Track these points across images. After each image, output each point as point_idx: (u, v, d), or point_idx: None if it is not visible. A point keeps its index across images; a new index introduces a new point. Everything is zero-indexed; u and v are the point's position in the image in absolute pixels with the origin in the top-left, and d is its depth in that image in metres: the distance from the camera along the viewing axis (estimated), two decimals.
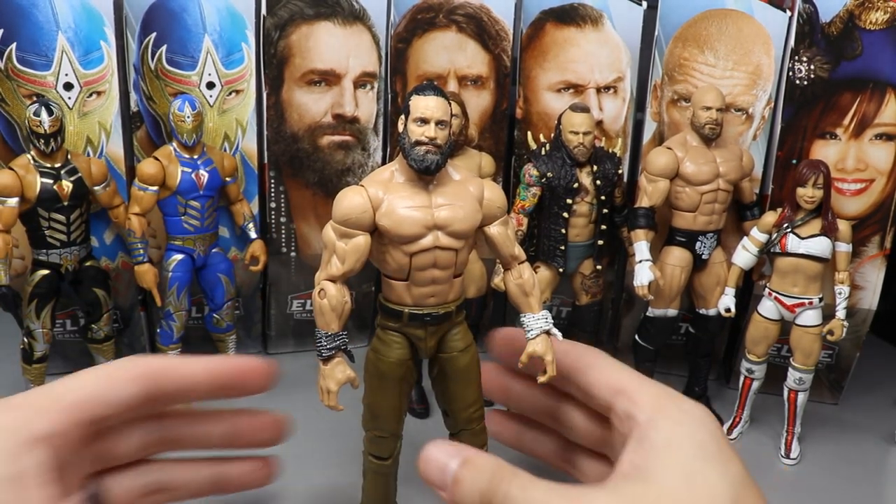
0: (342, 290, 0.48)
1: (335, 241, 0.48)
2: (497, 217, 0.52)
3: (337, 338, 0.48)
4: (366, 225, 0.48)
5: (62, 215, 1.11)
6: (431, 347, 0.52)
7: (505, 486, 0.40)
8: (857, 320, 1.24)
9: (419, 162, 0.49)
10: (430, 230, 0.49)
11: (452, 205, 0.49)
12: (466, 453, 0.43)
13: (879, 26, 1.11)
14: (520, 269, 0.54)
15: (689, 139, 1.15)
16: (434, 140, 0.49)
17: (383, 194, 0.48)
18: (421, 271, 0.49)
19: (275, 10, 1.21)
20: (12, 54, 1.14)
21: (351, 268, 0.48)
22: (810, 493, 1.06)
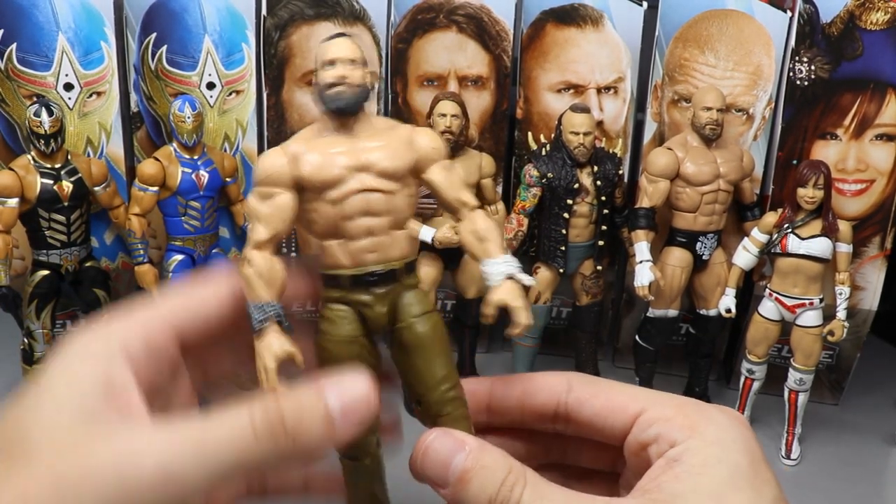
0: (270, 257, 0.43)
1: (257, 206, 0.44)
2: (434, 159, 0.46)
3: (268, 308, 0.42)
4: (287, 181, 0.43)
5: (62, 216, 1.11)
6: (382, 317, 0.45)
7: (518, 493, 0.37)
8: (858, 321, 1.24)
9: (333, 101, 0.44)
10: (355, 172, 0.43)
11: (378, 145, 0.44)
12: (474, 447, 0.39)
13: (880, 27, 1.11)
14: (472, 217, 0.46)
15: (690, 140, 1.15)
16: (345, 78, 0.44)
17: (304, 148, 0.44)
18: (352, 222, 0.43)
19: (275, 11, 1.21)
20: (12, 55, 1.14)
21: (276, 230, 0.43)
22: (811, 494, 1.06)
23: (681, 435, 0.38)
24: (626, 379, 1.28)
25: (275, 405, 0.36)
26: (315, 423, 0.37)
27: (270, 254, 0.44)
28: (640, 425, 0.41)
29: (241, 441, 0.35)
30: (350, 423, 0.37)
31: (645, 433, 0.40)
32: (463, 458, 0.39)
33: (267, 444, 0.36)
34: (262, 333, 0.42)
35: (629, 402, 0.42)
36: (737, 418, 0.40)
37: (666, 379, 1.32)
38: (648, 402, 0.41)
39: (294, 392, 0.38)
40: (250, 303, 0.43)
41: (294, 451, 0.36)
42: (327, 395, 0.37)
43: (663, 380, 1.31)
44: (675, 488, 0.36)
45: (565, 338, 1.34)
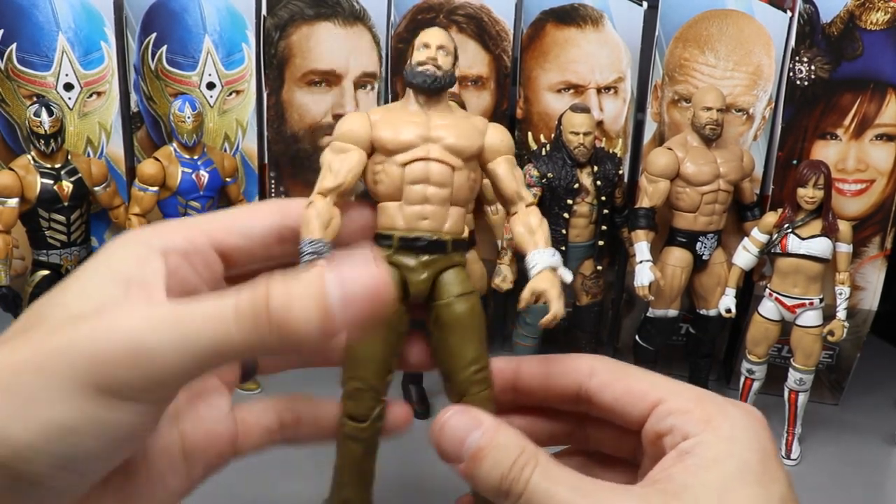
0: (331, 205, 0.46)
1: (330, 158, 0.47)
2: (501, 152, 0.49)
3: (320, 245, 0.44)
4: (362, 139, 0.47)
5: (62, 216, 1.11)
6: (424, 286, 0.46)
7: (528, 472, 0.37)
8: (858, 321, 1.23)
9: (419, 76, 0.48)
10: (425, 141, 0.47)
11: (450, 125, 0.48)
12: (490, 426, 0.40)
13: (880, 27, 1.11)
14: (527, 211, 0.49)
15: (690, 140, 1.15)
16: (435, 60, 0.49)
17: (384, 115, 0.48)
18: (412, 186, 0.46)
19: (275, 11, 1.21)
20: (12, 55, 1.14)
21: (343, 180, 0.46)
22: (811, 494, 1.06)
23: (695, 428, 0.38)
24: None
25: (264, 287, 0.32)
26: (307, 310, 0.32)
27: (332, 203, 0.46)
28: (657, 415, 0.41)
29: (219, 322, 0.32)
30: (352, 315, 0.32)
31: (661, 423, 0.40)
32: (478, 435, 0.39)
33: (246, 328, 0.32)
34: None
35: (649, 390, 0.42)
36: (753, 415, 0.40)
37: None
38: (667, 393, 0.41)
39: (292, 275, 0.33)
40: (304, 238, 0.45)
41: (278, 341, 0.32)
42: (328, 280, 0.32)
43: None
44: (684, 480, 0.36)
45: (565, 338, 1.33)
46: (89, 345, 0.32)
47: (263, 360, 0.48)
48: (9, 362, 0.33)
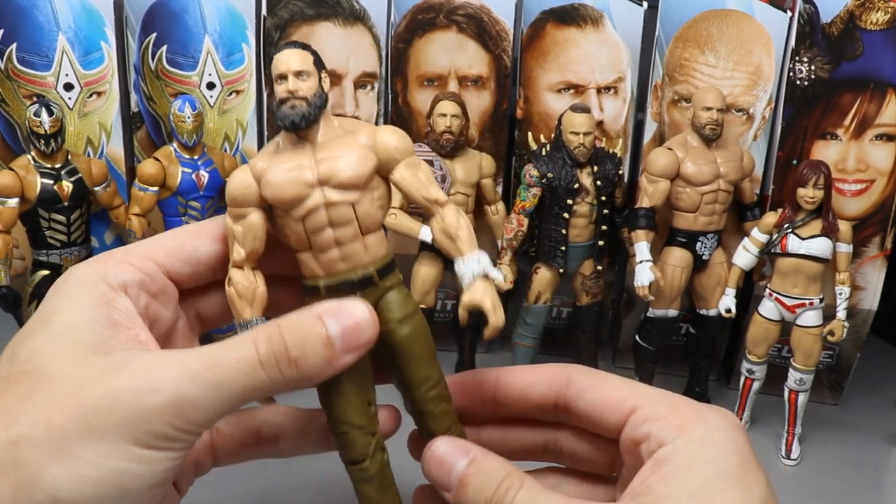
0: (249, 275, 0.44)
1: (232, 226, 0.45)
2: (397, 160, 0.45)
3: (250, 324, 0.44)
4: (254, 200, 0.44)
5: (62, 216, 1.11)
6: None
7: (512, 495, 0.39)
8: (858, 321, 1.24)
9: (284, 119, 0.44)
10: (314, 187, 0.43)
11: (335, 156, 0.44)
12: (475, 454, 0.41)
13: (880, 27, 1.11)
14: (442, 213, 0.46)
15: (690, 140, 1.15)
16: (295, 93, 0.43)
17: (266, 164, 0.44)
18: (319, 235, 0.44)
19: (275, 11, 1.21)
20: (12, 55, 1.14)
21: (252, 248, 0.44)
22: (811, 494, 1.06)
23: (670, 434, 0.38)
24: None
25: (277, 333, 0.38)
26: (316, 347, 0.39)
27: (250, 270, 0.45)
28: (632, 422, 0.41)
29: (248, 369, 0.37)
30: (350, 346, 0.40)
31: (637, 430, 0.40)
32: (465, 462, 0.41)
33: (272, 370, 0.38)
34: None
35: (626, 397, 0.42)
36: (729, 419, 0.40)
37: (666, 379, 1.32)
38: (643, 399, 0.41)
39: (294, 318, 0.40)
40: (236, 321, 0.45)
41: (297, 376, 0.39)
42: (326, 320, 0.39)
43: (663, 380, 1.31)
44: (661, 490, 0.36)
45: (565, 338, 1.33)
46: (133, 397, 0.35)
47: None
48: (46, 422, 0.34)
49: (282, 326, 0.39)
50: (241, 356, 0.37)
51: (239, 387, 0.37)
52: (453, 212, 0.46)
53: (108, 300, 0.39)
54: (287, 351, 0.38)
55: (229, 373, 0.37)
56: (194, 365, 0.37)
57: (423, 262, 1.18)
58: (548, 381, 0.46)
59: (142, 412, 0.35)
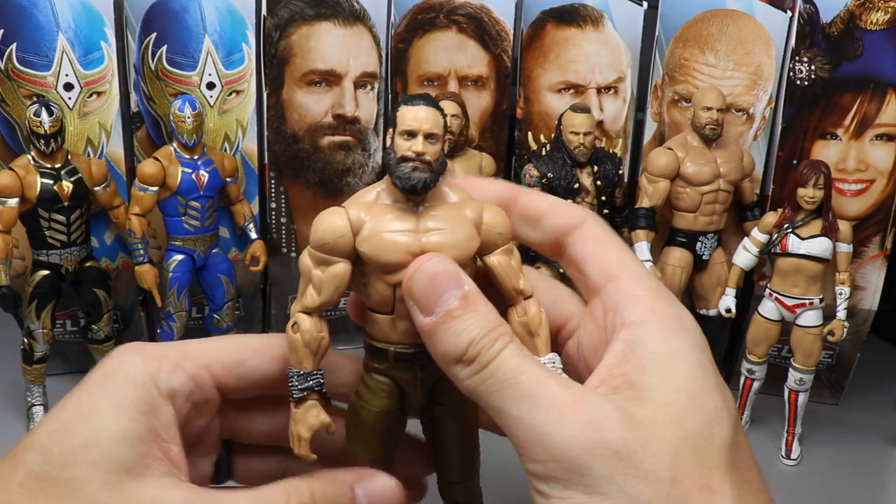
0: (318, 323, 0.42)
1: (311, 269, 0.42)
2: (498, 245, 0.44)
3: (310, 377, 0.42)
4: (345, 251, 0.41)
5: (62, 216, 1.11)
6: (421, 395, 0.45)
7: (501, 344, 0.36)
8: (858, 321, 1.23)
9: (404, 181, 0.41)
10: (417, 256, 0.41)
11: (443, 230, 0.42)
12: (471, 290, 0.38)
13: (880, 27, 1.11)
14: (525, 306, 0.44)
15: (690, 139, 1.15)
16: (422, 156, 0.41)
17: (366, 216, 0.42)
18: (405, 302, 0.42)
19: (275, 11, 1.21)
20: (12, 54, 1.14)
21: (328, 299, 0.42)
22: (811, 494, 1.06)
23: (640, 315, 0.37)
24: None
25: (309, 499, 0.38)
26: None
27: (319, 319, 0.43)
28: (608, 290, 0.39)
29: None
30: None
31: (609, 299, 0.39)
32: (458, 294, 0.37)
33: None
34: (301, 402, 0.42)
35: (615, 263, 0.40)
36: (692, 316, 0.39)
37: None
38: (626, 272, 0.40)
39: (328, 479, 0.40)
40: (293, 368, 0.42)
41: None
42: (357, 490, 0.40)
43: None
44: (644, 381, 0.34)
45: None
46: None
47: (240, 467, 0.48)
48: None
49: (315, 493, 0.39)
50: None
51: None
52: (537, 307, 0.45)
53: (153, 408, 0.38)
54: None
55: None
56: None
57: None
58: (564, 216, 0.43)
59: None
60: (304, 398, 0.42)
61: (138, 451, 0.36)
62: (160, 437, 0.38)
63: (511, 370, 0.35)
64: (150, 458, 0.37)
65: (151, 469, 0.36)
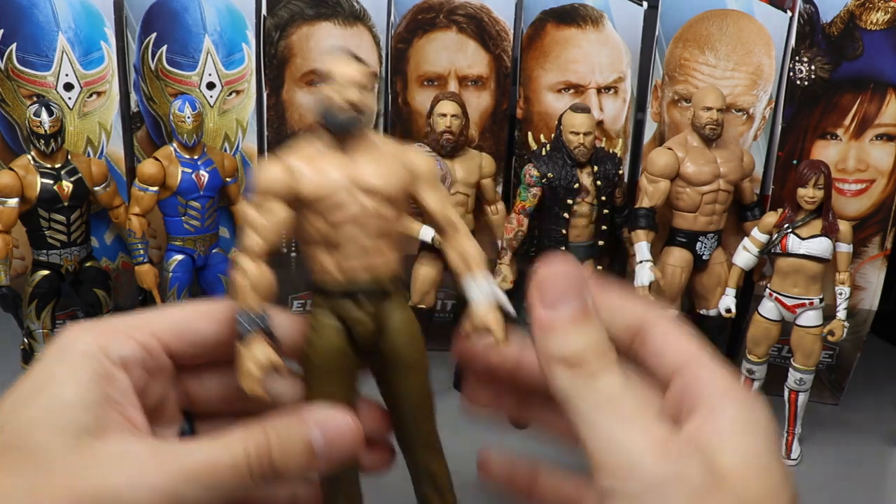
0: (262, 267, 0.45)
1: (253, 216, 0.45)
2: (425, 179, 0.48)
3: (256, 315, 0.44)
4: (284, 193, 0.45)
5: (62, 216, 1.11)
6: (370, 332, 0.47)
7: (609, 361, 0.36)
8: (858, 321, 1.23)
9: (338, 124, 0.45)
10: (348, 189, 0.45)
11: (373, 164, 0.46)
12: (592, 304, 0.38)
13: (880, 27, 1.11)
14: (458, 238, 0.48)
15: (690, 139, 1.15)
16: (353, 103, 0.45)
17: (301, 162, 0.45)
18: (346, 238, 0.45)
19: (275, 11, 1.21)
20: (13, 54, 1.14)
21: (269, 240, 0.45)
22: (811, 494, 1.06)
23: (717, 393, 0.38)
24: None
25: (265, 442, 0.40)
26: (298, 456, 0.40)
27: (262, 263, 0.46)
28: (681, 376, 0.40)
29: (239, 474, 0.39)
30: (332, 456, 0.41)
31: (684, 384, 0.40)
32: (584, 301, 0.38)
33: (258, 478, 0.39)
34: (247, 341, 0.44)
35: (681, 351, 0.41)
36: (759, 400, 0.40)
37: None
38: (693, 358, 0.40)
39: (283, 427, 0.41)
40: (238, 310, 0.44)
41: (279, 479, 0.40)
42: (311, 429, 0.41)
43: None
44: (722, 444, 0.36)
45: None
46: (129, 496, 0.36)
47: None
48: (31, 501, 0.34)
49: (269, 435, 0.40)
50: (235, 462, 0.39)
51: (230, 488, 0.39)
52: (468, 236, 0.49)
53: (107, 376, 0.39)
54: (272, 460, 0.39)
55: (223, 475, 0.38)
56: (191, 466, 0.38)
57: (423, 263, 1.18)
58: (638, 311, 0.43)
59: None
60: (251, 337, 0.44)
61: (97, 416, 0.38)
62: (118, 403, 0.39)
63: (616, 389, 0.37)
64: (110, 421, 0.38)
65: (112, 430, 0.38)
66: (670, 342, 0.42)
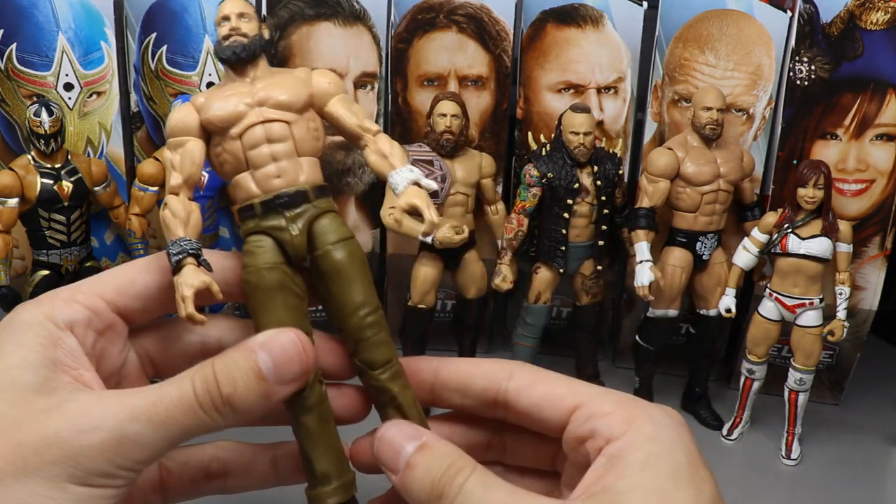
0: (185, 200, 0.47)
1: (170, 156, 0.47)
2: (332, 94, 0.49)
3: (183, 241, 0.45)
4: (194, 128, 0.47)
5: (62, 216, 1.11)
6: (300, 242, 0.47)
7: (461, 479, 0.37)
8: (858, 321, 1.24)
9: (226, 50, 0.48)
10: (253, 107, 0.47)
11: (274, 83, 0.48)
12: (426, 438, 0.40)
13: (880, 27, 1.11)
14: (376, 140, 0.49)
15: (690, 140, 1.15)
16: (237, 30, 0.48)
17: (204, 98, 0.48)
18: (256, 150, 0.46)
19: (275, 11, 1.21)
20: (12, 54, 1.14)
21: (188, 174, 0.47)
22: (811, 494, 1.06)
23: (618, 429, 0.38)
24: (627, 379, 1.28)
25: (211, 373, 0.39)
26: (249, 384, 0.39)
27: (186, 197, 0.48)
28: (576, 420, 0.40)
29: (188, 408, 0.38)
30: (284, 376, 0.40)
31: (581, 427, 0.40)
32: (413, 447, 0.40)
33: (209, 410, 0.39)
34: (179, 268, 0.44)
35: (567, 394, 0.42)
36: (673, 415, 0.40)
37: (666, 379, 1.32)
38: (587, 397, 0.41)
39: (228, 356, 0.40)
40: (168, 241, 0.45)
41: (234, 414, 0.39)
42: (258, 355, 0.40)
43: (663, 380, 1.31)
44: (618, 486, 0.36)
45: (565, 338, 1.33)
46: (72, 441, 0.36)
47: None
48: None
49: (215, 365, 0.39)
50: (182, 395, 0.38)
51: (180, 425, 0.38)
52: (386, 137, 0.50)
53: (53, 340, 0.39)
54: (220, 391, 0.38)
55: (171, 411, 0.38)
56: (136, 403, 0.37)
57: (423, 262, 1.18)
58: (489, 375, 0.45)
59: (80, 450, 0.35)
60: (181, 262, 0.45)
61: (43, 376, 0.38)
62: (67, 365, 0.39)
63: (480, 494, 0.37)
64: (58, 381, 0.38)
65: (61, 388, 0.38)
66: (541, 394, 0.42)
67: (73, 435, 0.36)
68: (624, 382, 1.29)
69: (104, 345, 0.43)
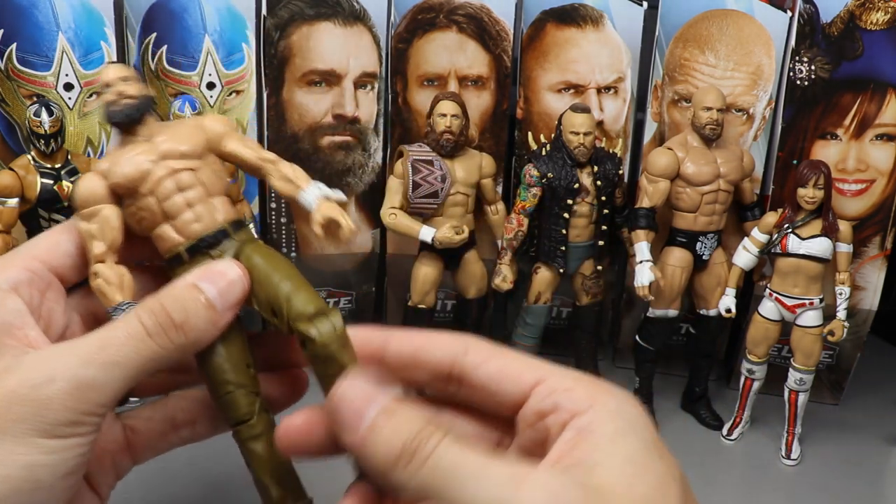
0: (113, 265, 0.48)
1: (86, 227, 0.48)
2: (224, 134, 0.51)
3: (124, 305, 0.46)
4: (104, 195, 0.48)
5: (63, 216, 1.11)
6: None
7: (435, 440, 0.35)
8: (858, 321, 1.24)
9: (114, 114, 0.49)
10: (157, 162, 0.48)
11: (170, 135, 0.49)
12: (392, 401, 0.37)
13: (880, 27, 1.11)
14: (277, 167, 0.52)
15: (690, 140, 1.15)
16: (123, 93, 0.49)
17: (110, 162, 0.49)
18: (171, 201, 0.48)
19: (275, 11, 1.21)
20: (12, 55, 1.14)
21: (111, 239, 0.48)
22: (811, 494, 1.06)
23: (583, 404, 0.37)
24: (627, 379, 1.28)
25: (159, 305, 0.41)
26: (198, 310, 0.42)
27: (112, 262, 0.48)
28: (538, 394, 0.39)
29: (139, 343, 0.40)
30: (229, 303, 0.44)
31: (543, 402, 0.39)
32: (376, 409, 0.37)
33: (161, 339, 0.40)
34: None
35: (526, 370, 0.40)
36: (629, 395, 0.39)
37: (666, 379, 1.32)
38: (547, 372, 0.40)
39: (172, 289, 0.42)
40: (108, 309, 0.47)
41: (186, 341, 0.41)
42: (202, 284, 0.43)
43: (663, 380, 1.31)
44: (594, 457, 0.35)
45: (565, 338, 1.33)
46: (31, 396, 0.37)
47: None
48: None
49: (162, 299, 0.42)
50: (130, 333, 0.40)
51: (134, 362, 0.39)
52: (287, 163, 0.52)
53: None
54: (172, 319, 0.41)
55: (122, 350, 0.39)
56: (86, 349, 0.39)
57: (423, 262, 1.18)
58: (443, 347, 0.43)
59: (41, 403, 0.36)
60: None
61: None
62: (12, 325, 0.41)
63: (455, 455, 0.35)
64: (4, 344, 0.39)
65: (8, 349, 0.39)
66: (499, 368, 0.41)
67: (30, 391, 0.37)
68: (624, 382, 1.29)
69: (50, 305, 0.45)
